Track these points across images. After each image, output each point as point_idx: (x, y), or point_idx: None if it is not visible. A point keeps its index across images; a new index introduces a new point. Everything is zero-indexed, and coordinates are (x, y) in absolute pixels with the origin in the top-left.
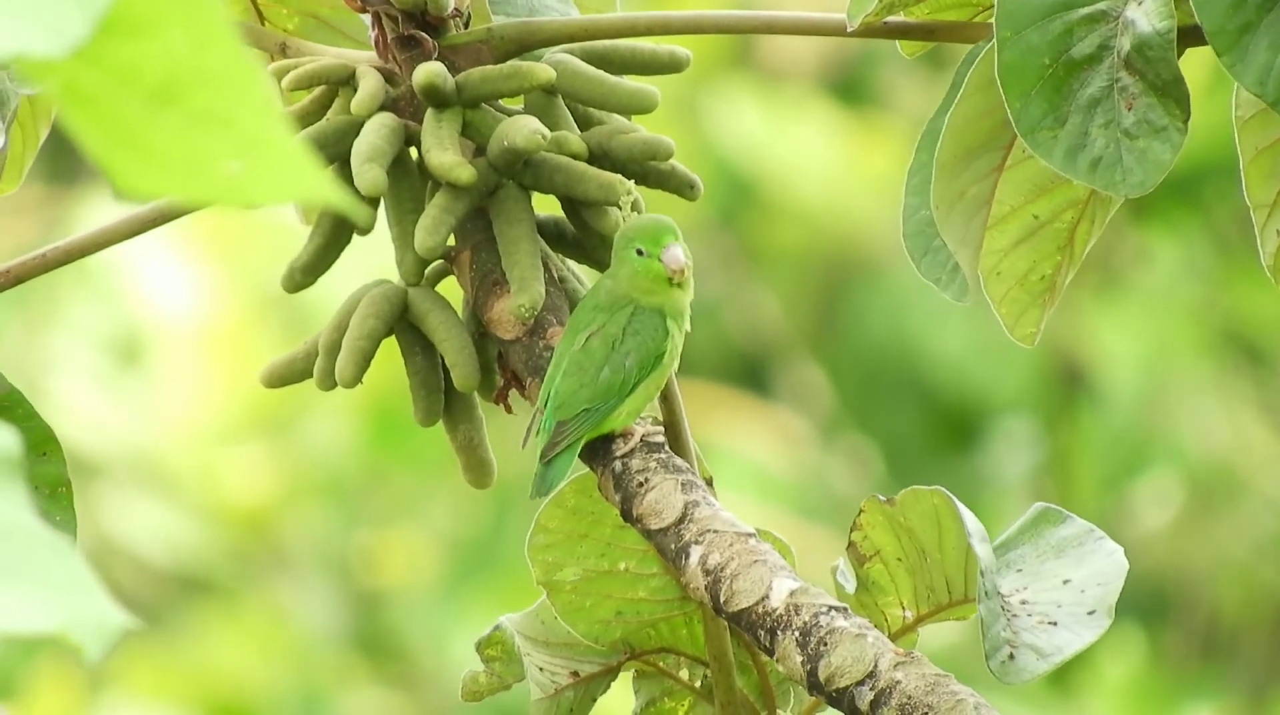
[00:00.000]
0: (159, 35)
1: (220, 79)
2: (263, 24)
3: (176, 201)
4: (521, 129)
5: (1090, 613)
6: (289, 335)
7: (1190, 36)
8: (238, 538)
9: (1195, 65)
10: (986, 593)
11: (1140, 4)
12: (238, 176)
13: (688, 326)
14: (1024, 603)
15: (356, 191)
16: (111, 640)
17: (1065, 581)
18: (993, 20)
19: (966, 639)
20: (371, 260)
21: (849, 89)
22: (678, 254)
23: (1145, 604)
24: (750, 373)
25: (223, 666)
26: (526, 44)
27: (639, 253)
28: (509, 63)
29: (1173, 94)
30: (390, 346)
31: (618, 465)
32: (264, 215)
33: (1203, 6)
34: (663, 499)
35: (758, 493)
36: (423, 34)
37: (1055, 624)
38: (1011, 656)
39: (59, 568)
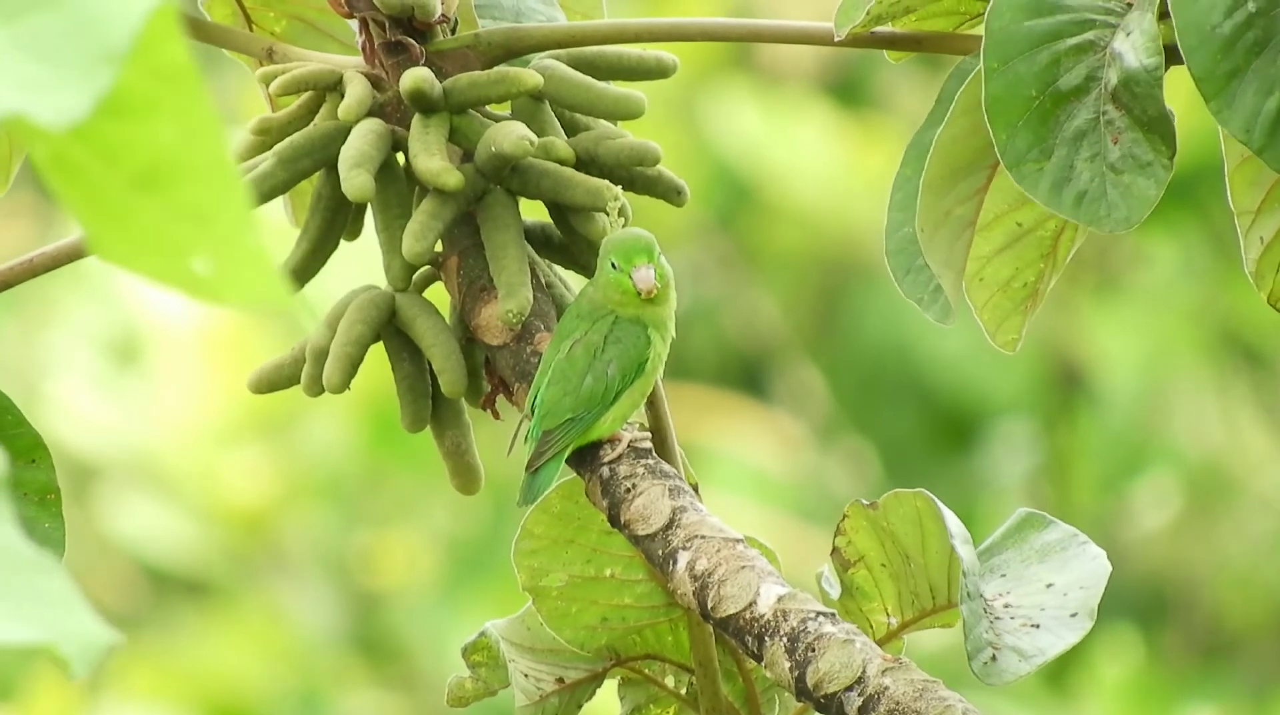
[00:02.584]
0: (149, 121)
1: (202, 175)
2: (250, 27)
3: None
4: (509, 134)
5: (1073, 615)
6: (287, 336)
7: (1176, 55)
8: (236, 539)
9: (1185, 76)
10: (969, 594)
11: (1128, 35)
12: (206, 273)
13: (672, 334)
14: (1007, 606)
15: (344, 197)
16: (98, 656)
17: (1048, 585)
18: (978, 30)
19: (954, 644)
20: (359, 266)
21: (847, 91)
22: (646, 275)
23: (1143, 605)
24: (748, 375)
25: (221, 667)
26: (514, 50)
27: (613, 266)
28: (496, 68)
29: (1159, 130)
30: (383, 350)
31: (605, 471)
32: (263, 216)
33: (1191, 52)
34: (650, 505)
35: (756, 495)
36: (410, 39)
37: (1038, 626)
38: (994, 658)
39: (44, 585)
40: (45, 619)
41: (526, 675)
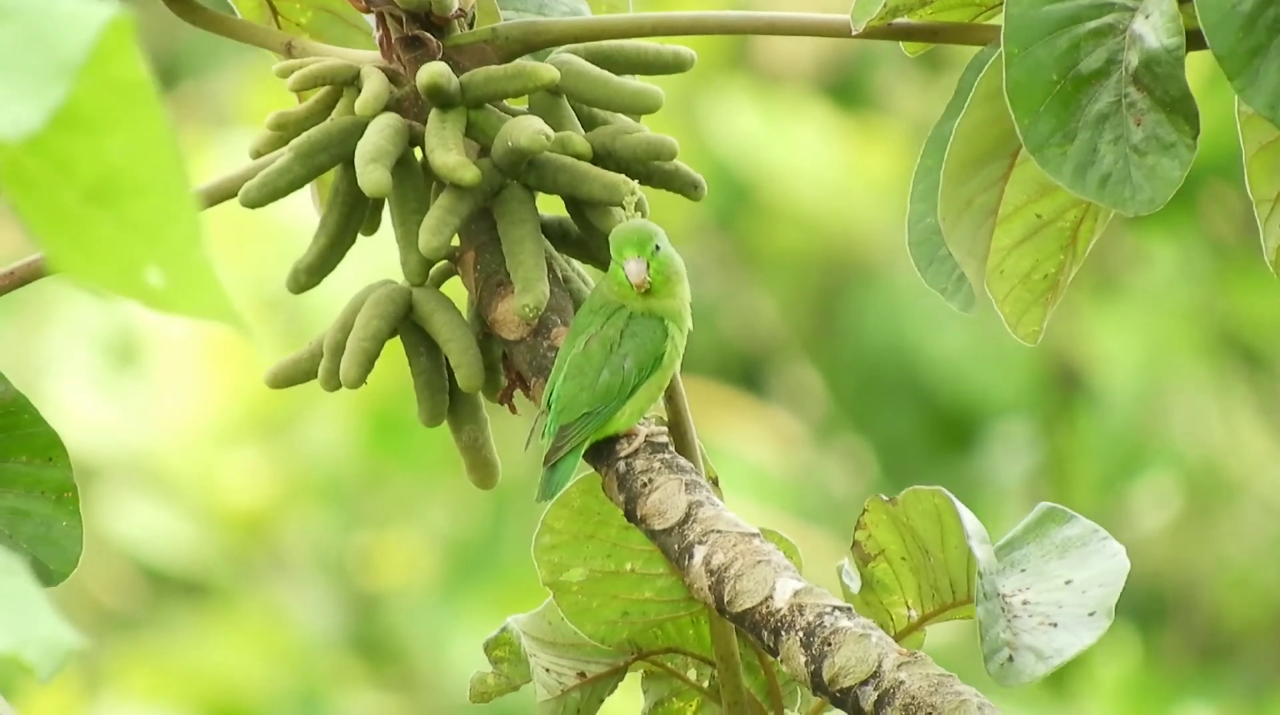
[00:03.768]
0: (102, 134)
1: (152, 189)
2: (276, 19)
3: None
4: (525, 129)
5: (1090, 614)
6: (288, 337)
7: (1196, 40)
8: (236, 540)
9: (1193, 65)
10: (985, 594)
11: (1148, 17)
12: (158, 286)
13: (689, 326)
14: (1025, 603)
15: (361, 192)
16: (62, 660)
17: (1067, 582)
18: (995, 21)
19: (970, 639)
20: (376, 261)
21: (846, 91)
22: (634, 269)
23: (1143, 606)
24: (747, 375)
25: (220, 668)
26: (531, 44)
27: (612, 258)
28: (513, 63)
29: (1181, 110)
30: (391, 348)
31: (621, 466)
32: (263, 216)
33: (1213, 29)
34: (666, 499)
35: (755, 494)
36: (427, 34)
37: (1055, 625)
38: (1011, 659)
39: (8, 588)
40: (9, 622)
41: (548, 670)
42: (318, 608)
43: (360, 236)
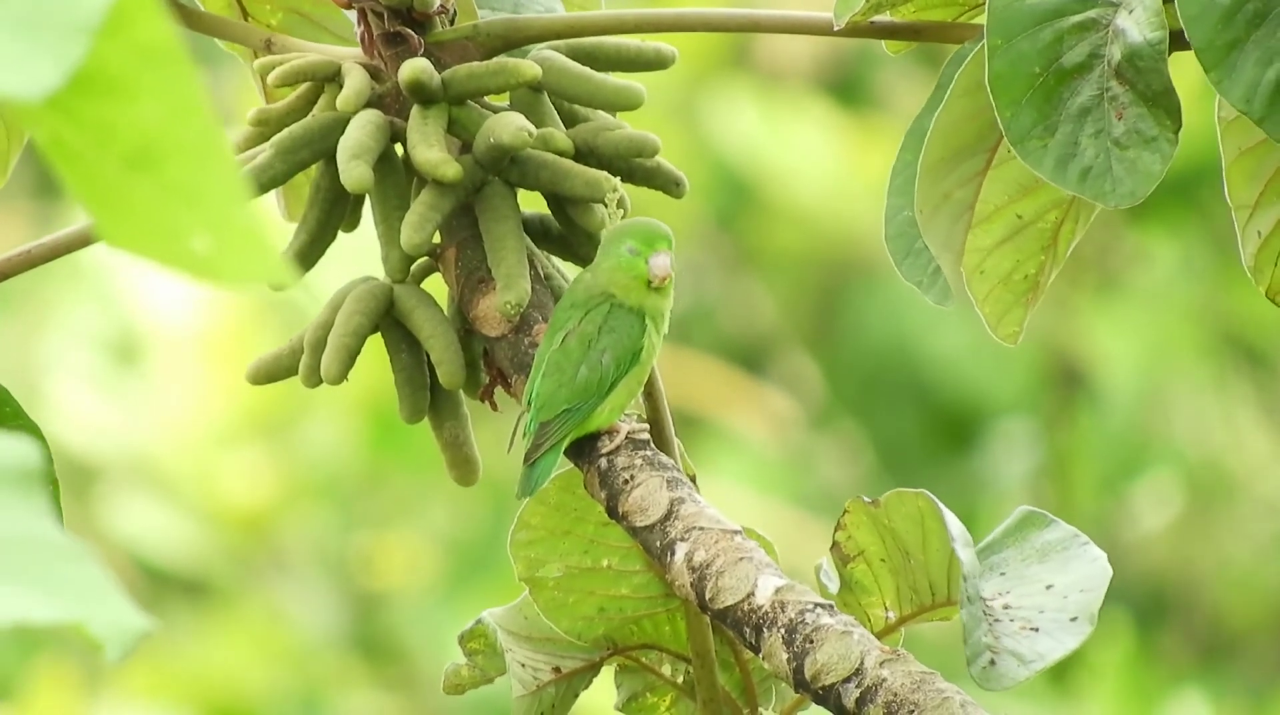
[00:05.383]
0: (134, 99)
1: (190, 152)
2: (246, 20)
3: None
4: (507, 126)
5: (1072, 619)
6: (287, 337)
7: (1180, 40)
8: (236, 540)
9: (1190, 67)
10: (969, 598)
11: (1130, 12)
12: (204, 252)
13: (665, 328)
14: (1006, 607)
15: (343, 188)
16: (131, 641)
17: (1048, 587)
18: (978, 20)
19: (953, 637)
20: (357, 257)
21: (847, 90)
22: (664, 263)
23: (1144, 605)
24: (748, 375)
25: (221, 668)
26: (513, 40)
27: (630, 250)
28: (495, 59)
29: (1163, 104)
30: (382, 347)
31: (603, 462)
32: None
33: (1191, 22)
34: (648, 496)
35: (754, 482)
36: (408, 30)
37: (1037, 630)
38: (993, 662)
39: (77, 573)
40: (78, 605)
41: (524, 665)
42: (318, 608)
43: (341, 233)
